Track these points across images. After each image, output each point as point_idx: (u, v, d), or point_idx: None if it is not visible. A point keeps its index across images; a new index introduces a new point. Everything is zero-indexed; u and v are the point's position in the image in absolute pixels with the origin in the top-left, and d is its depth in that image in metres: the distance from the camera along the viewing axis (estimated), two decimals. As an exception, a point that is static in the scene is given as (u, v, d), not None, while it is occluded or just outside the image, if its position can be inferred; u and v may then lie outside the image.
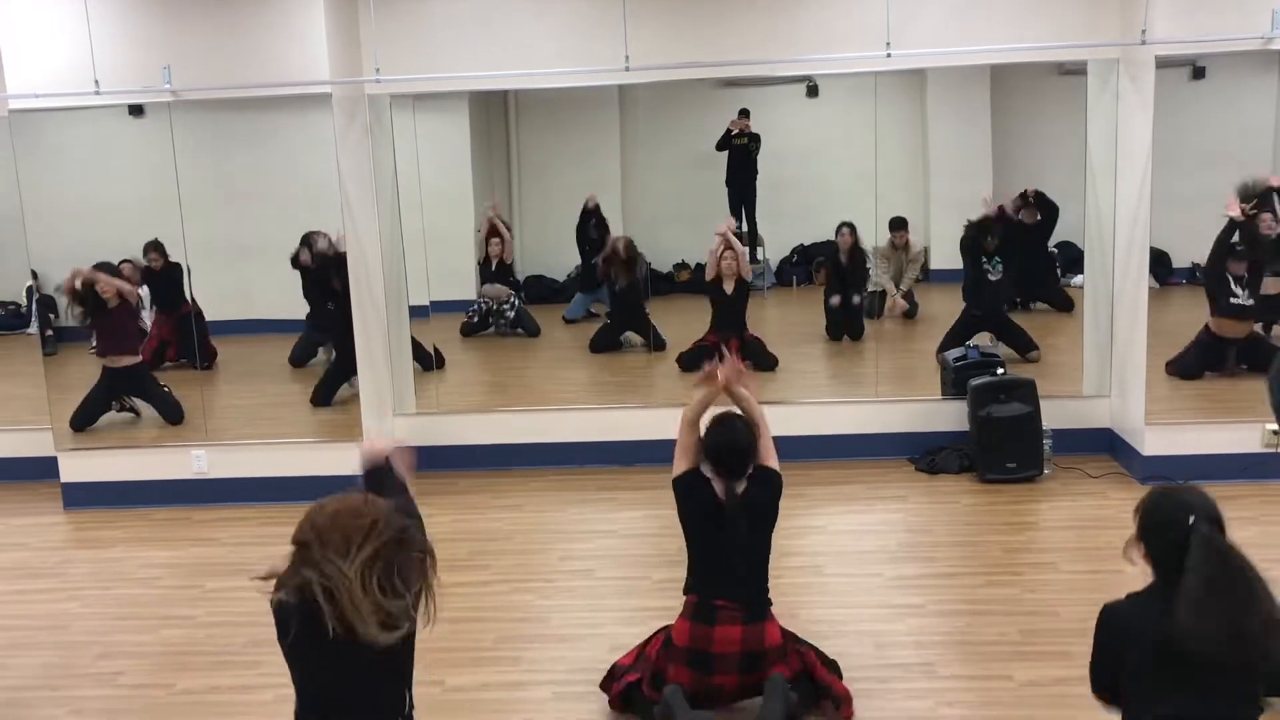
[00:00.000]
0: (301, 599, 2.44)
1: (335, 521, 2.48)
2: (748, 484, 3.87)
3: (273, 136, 7.09)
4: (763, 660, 3.81)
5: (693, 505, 3.90)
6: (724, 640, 3.78)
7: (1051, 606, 4.75)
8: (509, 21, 6.55)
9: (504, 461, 6.88)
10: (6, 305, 8.63)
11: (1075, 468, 6.39)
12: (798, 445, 6.53)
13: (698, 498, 3.87)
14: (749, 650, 3.79)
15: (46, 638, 4.92)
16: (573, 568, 5.40)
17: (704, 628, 3.80)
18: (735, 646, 3.78)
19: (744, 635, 3.78)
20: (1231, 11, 5.88)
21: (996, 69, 7.52)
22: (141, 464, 6.67)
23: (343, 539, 2.44)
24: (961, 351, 6.90)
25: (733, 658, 3.79)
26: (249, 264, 7.45)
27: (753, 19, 6.47)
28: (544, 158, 8.91)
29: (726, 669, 3.80)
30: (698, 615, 3.84)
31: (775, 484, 3.92)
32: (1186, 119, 6.83)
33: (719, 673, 3.80)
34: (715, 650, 3.78)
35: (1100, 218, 6.65)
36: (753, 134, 8.43)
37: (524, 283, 9.24)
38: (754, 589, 3.88)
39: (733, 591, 3.82)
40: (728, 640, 3.78)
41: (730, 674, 3.81)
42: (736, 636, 3.78)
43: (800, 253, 9.41)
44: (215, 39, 6.27)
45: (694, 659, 3.81)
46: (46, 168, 6.85)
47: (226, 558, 5.77)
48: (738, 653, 3.79)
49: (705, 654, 3.80)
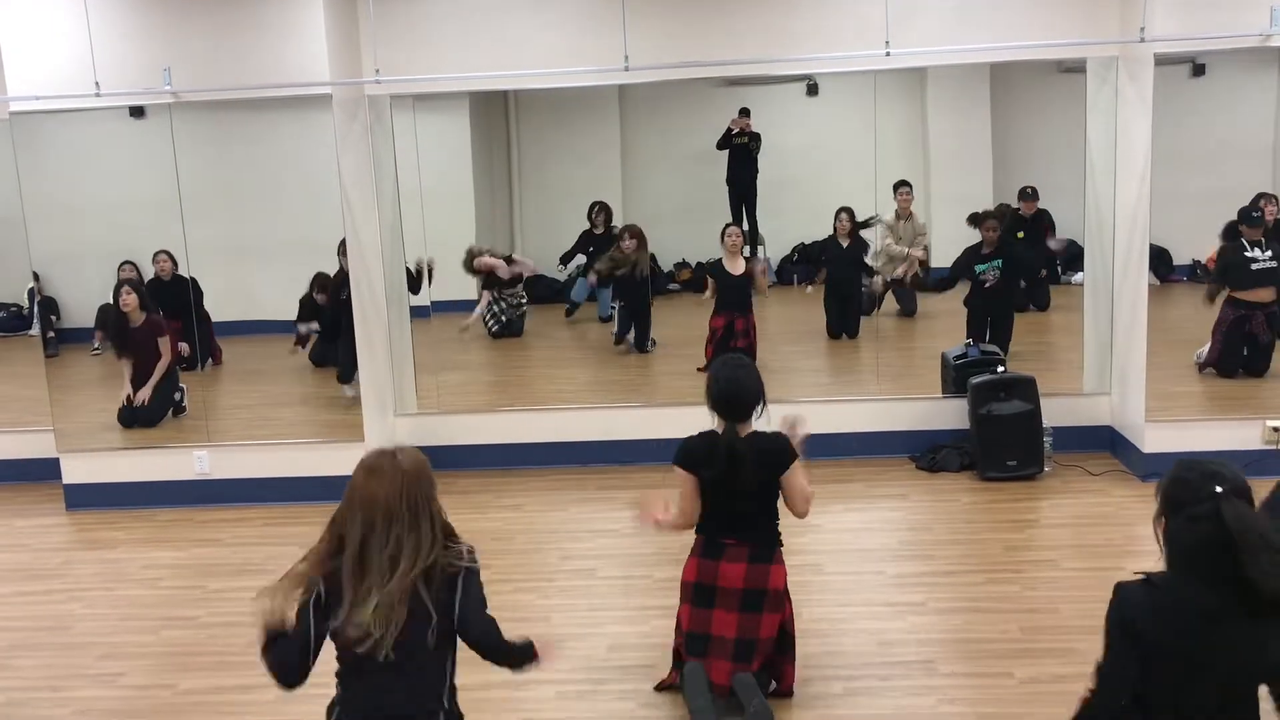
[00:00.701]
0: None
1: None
2: (762, 441, 3.86)
3: (273, 137, 7.09)
4: (762, 600, 3.87)
5: (704, 473, 3.85)
6: (729, 575, 3.86)
7: (1052, 604, 4.76)
8: (509, 21, 6.56)
9: (505, 461, 6.89)
10: (8, 307, 8.64)
11: (1076, 465, 6.40)
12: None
13: (708, 467, 3.83)
14: (750, 588, 3.86)
15: (49, 639, 4.94)
16: (574, 567, 5.41)
17: (711, 563, 3.89)
18: (739, 583, 3.86)
19: (748, 573, 3.85)
20: (1230, 9, 5.88)
21: (996, 67, 7.53)
22: (143, 465, 6.68)
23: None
24: (962, 349, 6.90)
25: (735, 594, 3.86)
26: (250, 264, 7.45)
27: (752, 18, 6.48)
28: (544, 157, 8.92)
29: (728, 604, 3.87)
30: (706, 552, 3.92)
31: (783, 448, 3.88)
32: (1186, 116, 6.83)
33: (720, 607, 3.87)
34: (720, 584, 3.87)
35: (1100, 215, 6.65)
36: (753, 133, 8.44)
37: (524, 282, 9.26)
38: (762, 530, 3.92)
39: (741, 532, 3.89)
40: (732, 576, 3.85)
41: (731, 610, 3.87)
42: (741, 574, 3.85)
43: (801, 251, 9.42)
44: (215, 40, 6.28)
45: (698, 593, 3.90)
46: (47, 169, 6.86)
47: (229, 558, 5.78)
48: (740, 589, 3.86)
49: (710, 587, 3.88)
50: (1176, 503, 2.50)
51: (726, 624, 3.89)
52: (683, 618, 4.01)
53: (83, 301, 7.83)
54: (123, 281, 7.14)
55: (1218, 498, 2.43)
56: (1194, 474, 2.50)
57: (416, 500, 2.71)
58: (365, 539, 2.67)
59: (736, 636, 3.89)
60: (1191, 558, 2.46)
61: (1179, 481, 2.52)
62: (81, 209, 7.07)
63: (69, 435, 6.77)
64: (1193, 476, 2.50)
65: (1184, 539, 2.47)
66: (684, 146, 8.83)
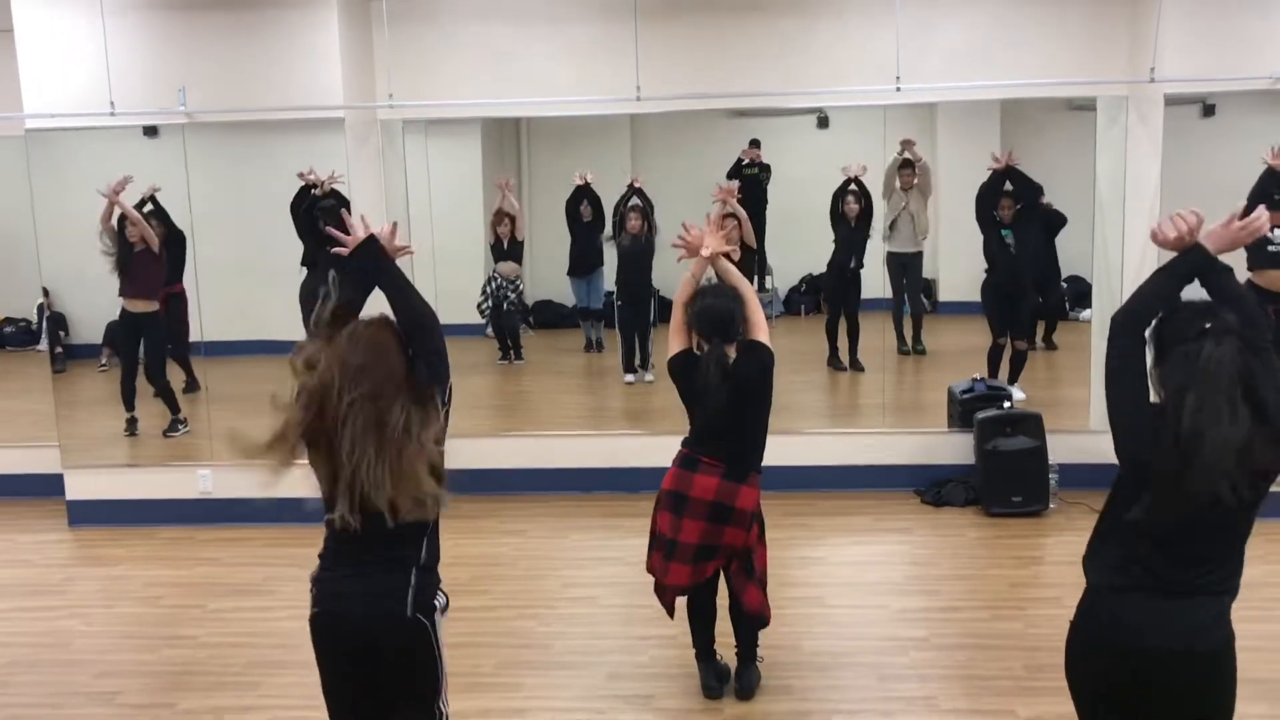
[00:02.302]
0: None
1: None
2: (736, 355, 4.01)
3: (285, 159, 7.13)
4: (729, 516, 4.03)
5: (685, 383, 4.07)
6: (700, 487, 4.03)
7: (1055, 642, 4.66)
8: (521, 49, 6.61)
9: (508, 487, 6.88)
10: (17, 322, 8.69)
11: (1081, 503, 6.37)
12: (803, 475, 6.54)
13: (689, 374, 4.04)
14: (719, 501, 4.03)
15: (48, 656, 4.92)
16: (575, 595, 5.39)
17: (686, 474, 4.07)
18: (709, 495, 4.03)
19: (719, 487, 4.02)
20: (1239, 51, 5.92)
21: (1006, 103, 7.54)
22: (147, 482, 6.69)
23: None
24: (968, 384, 6.89)
25: (703, 504, 4.03)
26: (259, 284, 7.47)
27: (763, 51, 6.52)
28: (555, 184, 8.93)
29: (696, 514, 4.04)
30: (684, 464, 4.11)
31: (763, 357, 4.02)
32: (1197, 155, 6.84)
33: (688, 516, 4.05)
34: (691, 494, 4.04)
35: (1108, 252, 6.66)
36: (763, 164, 8.46)
37: (533, 307, 9.27)
38: (737, 452, 4.06)
39: (716, 451, 4.05)
40: (704, 488, 4.03)
41: (698, 520, 4.04)
42: (713, 486, 4.02)
43: (809, 282, 9.43)
44: (230, 62, 6.34)
45: (673, 501, 4.10)
46: (61, 186, 6.90)
47: (229, 578, 5.76)
48: (709, 501, 4.03)
49: (683, 496, 4.06)
50: (1166, 343, 2.52)
51: (691, 531, 4.06)
52: (658, 521, 4.19)
53: (91, 318, 7.88)
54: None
55: (1205, 335, 2.42)
56: (1183, 313, 2.52)
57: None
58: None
59: (699, 543, 4.07)
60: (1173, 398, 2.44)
61: (1167, 322, 2.54)
62: (94, 226, 7.09)
63: (74, 451, 6.78)
64: (1181, 316, 2.51)
65: (1173, 378, 2.45)
66: (694, 176, 8.84)
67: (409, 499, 2.61)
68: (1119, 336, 2.59)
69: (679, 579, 4.14)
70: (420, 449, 2.62)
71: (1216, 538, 2.52)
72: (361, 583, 2.73)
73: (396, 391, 2.63)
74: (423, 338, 2.79)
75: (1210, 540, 2.52)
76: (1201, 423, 2.36)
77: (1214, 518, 2.46)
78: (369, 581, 2.73)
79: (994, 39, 6.42)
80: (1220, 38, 5.99)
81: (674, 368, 4.10)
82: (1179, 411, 2.39)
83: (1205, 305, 2.53)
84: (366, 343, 2.66)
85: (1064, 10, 6.37)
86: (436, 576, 2.84)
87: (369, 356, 2.63)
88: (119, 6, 6.31)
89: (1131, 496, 2.52)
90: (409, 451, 2.60)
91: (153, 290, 7.15)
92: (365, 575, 2.73)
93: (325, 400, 2.60)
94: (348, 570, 2.75)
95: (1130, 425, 2.54)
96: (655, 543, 4.21)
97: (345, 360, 2.61)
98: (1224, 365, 2.38)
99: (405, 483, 2.59)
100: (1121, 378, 2.56)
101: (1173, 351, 2.48)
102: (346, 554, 2.74)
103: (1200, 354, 2.39)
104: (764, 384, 4.05)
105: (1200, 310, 2.50)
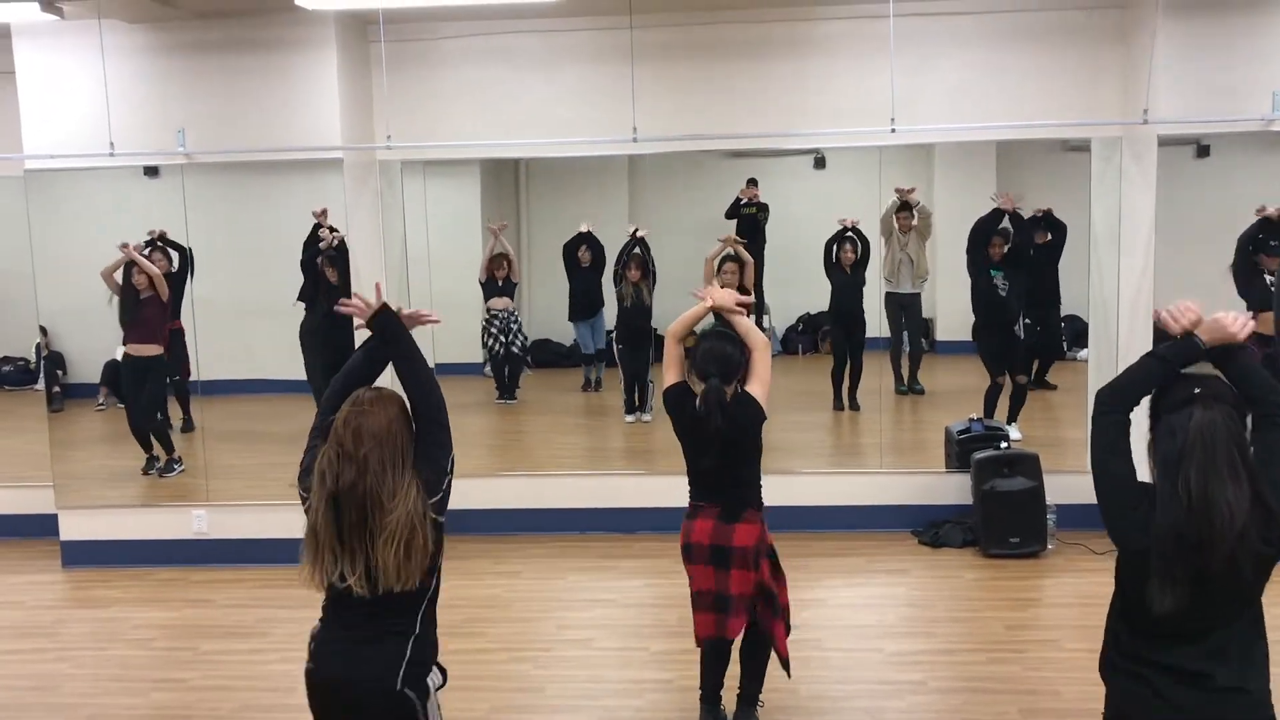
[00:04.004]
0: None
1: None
2: (731, 405, 4.00)
3: (284, 199, 7.17)
4: (728, 557, 4.05)
5: (679, 416, 4.11)
6: (699, 532, 4.11)
7: (1053, 685, 4.68)
8: (519, 91, 6.65)
9: (504, 527, 6.85)
10: (15, 361, 8.68)
11: (1079, 544, 6.34)
12: (799, 516, 6.51)
13: (682, 410, 4.07)
14: (716, 544, 4.07)
15: (36, 699, 4.88)
16: (571, 637, 5.35)
17: (689, 522, 4.16)
18: (706, 539, 4.09)
19: (714, 530, 4.08)
20: (1233, 94, 5.96)
21: (1002, 144, 7.60)
22: (141, 523, 6.66)
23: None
24: (965, 424, 6.87)
25: (704, 549, 4.09)
26: (255, 324, 7.48)
27: (760, 92, 6.56)
28: (553, 224, 8.98)
29: (701, 559, 4.11)
30: (689, 515, 4.18)
31: (753, 413, 4.00)
32: (1190, 196, 6.86)
33: (696, 561, 4.12)
34: (693, 540, 4.12)
35: (1104, 292, 6.67)
36: (761, 203, 8.50)
37: (530, 346, 9.27)
38: (730, 495, 4.10)
39: (711, 496, 4.13)
40: (702, 532, 4.11)
41: (706, 565, 4.09)
42: (709, 530, 4.09)
43: (806, 321, 9.45)
44: (229, 103, 6.38)
45: (686, 553, 4.17)
46: (60, 226, 6.94)
47: (221, 620, 5.72)
48: (707, 545, 4.08)
49: (689, 544, 4.14)
50: (1157, 411, 2.50)
51: (704, 578, 4.10)
52: (689, 572, 4.22)
53: (89, 358, 7.89)
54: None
55: (1194, 401, 2.41)
56: (1178, 382, 2.49)
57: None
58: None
59: (714, 589, 4.09)
60: (1168, 469, 2.42)
61: (1164, 390, 2.52)
62: (93, 265, 7.12)
63: (68, 491, 6.76)
64: (1176, 384, 2.49)
65: (1162, 448, 2.44)
66: (692, 215, 8.88)
67: (419, 574, 2.72)
68: (1103, 415, 2.58)
69: (706, 630, 4.11)
70: (424, 524, 2.71)
71: (1233, 622, 2.47)
72: (355, 649, 2.76)
73: (404, 466, 2.71)
74: (428, 409, 2.86)
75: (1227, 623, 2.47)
76: (1209, 488, 2.34)
77: (1225, 597, 2.43)
78: (363, 649, 2.76)
79: (989, 81, 6.46)
80: (1213, 79, 6.03)
81: (669, 398, 4.12)
82: (1184, 482, 2.36)
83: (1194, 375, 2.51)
84: (376, 420, 2.71)
85: (1058, 52, 6.42)
86: (433, 647, 2.87)
87: (379, 434, 2.69)
88: (119, 48, 6.37)
89: (1138, 583, 2.47)
90: (418, 541, 2.69)
91: (157, 333, 7.16)
92: (360, 641, 2.76)
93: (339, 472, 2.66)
94: (342, 633, 2.78)
95: (1120, 506, 2.51)
96: (692, 600, 4.21)
97: (357, 437, 2.67)
98: (1217, 428, 2.37)
99: (415, 562, 2.69)
100: (1106, 457, 2.54)
101: (1163, 421, 2.47)
102: (344, 618, 2.77)
103: (1191, 423, 2.39)
104: (753, 436, 4.06)
105: (1189, 379, 2.49)
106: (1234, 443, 2.38)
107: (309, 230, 6.95)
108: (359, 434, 2.66)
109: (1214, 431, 2.37)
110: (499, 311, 8.77)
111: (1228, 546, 2.33)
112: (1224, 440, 2.36)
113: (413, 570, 2.69)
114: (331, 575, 2.69)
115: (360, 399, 2.73)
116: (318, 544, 2.68)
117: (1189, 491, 2.35)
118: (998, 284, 7.41)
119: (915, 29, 6.40)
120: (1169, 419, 2.44)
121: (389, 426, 2.70)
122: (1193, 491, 2.35)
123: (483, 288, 8.80)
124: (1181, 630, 2.46)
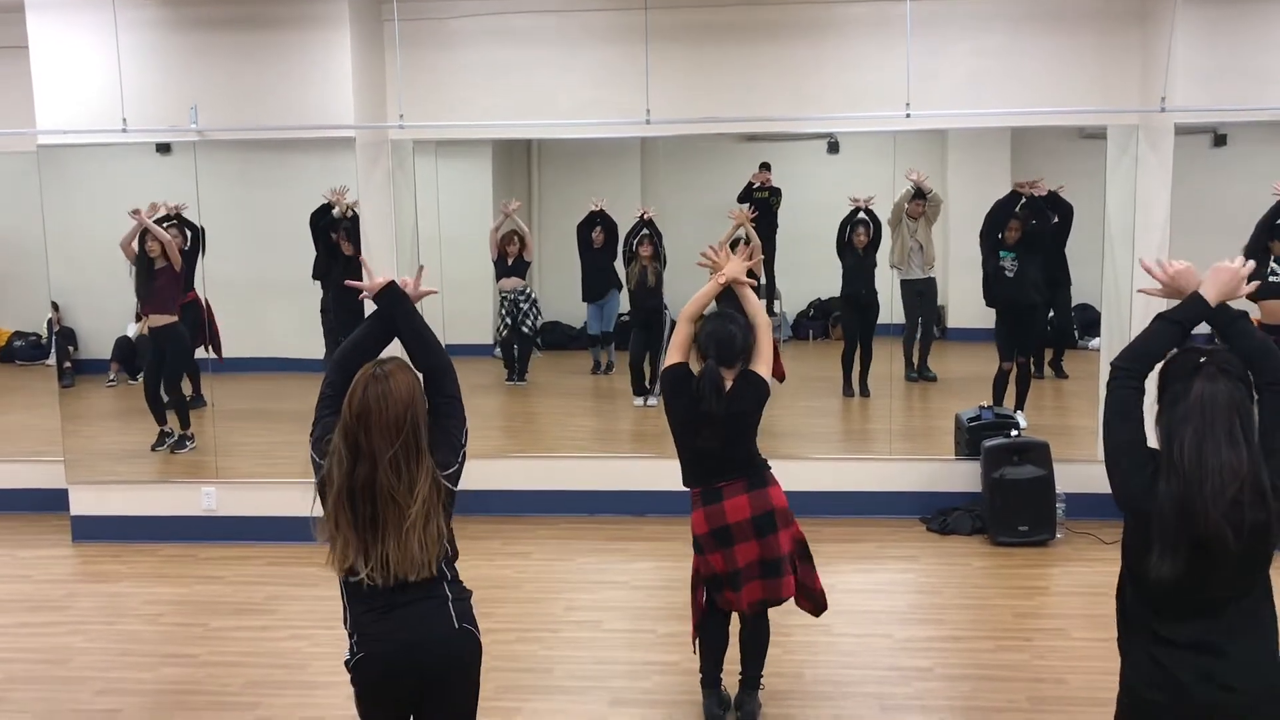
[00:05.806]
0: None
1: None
2: (733, 384, 3.99)
3: (296, 178, 7.16)
4: (773, 519, 3.99)
5: (673, 398, 4.03)
6: (735, 509, 3.98)
7: (1060, 674, 4.68)
8: (532, 72, 6.63)
9: (514, 508, 6.86)
10: (27, 336, 8.71)
11: (1088, 533, 6.33)
12: (809, 501, 6.48)
13: (682, 391, 4.00)
14: (757, 513, 3.98)
15: (47, 672, 4.90)
16: (579, 618, 5.36)
17: (715, 507, 4.00)
18: (745, 513, 3.97)
19: (750, 501, 3.98)
20: (1251, 82, 5.92)
21: (1017, 131, 7.56)
22: (152, 499, 6.68)
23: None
24: (976, 411, 6.85)
25: (746, 524, 3.98)
26: (267, 302, 7.49)
27: (774, 76, 6.53)
28: (565, 206, 8.95)
29: (744, 535, 3.98)
30: (706, 499, 4.03)
31: (758, 390, 4.00)
32: (1207, 185, 6.82)
33: (739, 541, 3.98)
34: (730, 521, 3.98)
35: (1118, 281, 6.64)
36: (774, 188, 8.46)
37: (540, 329, 9.26)
38: (747, 464, 4.04)
39: (729, 472, 4.02)
40: (738, 509, 3.98)
41: (749, 539, 3.98)
42: (745, 503, 3.98)
43: (817, 307, 9.42)
44: (242, 81, 6.37)
45: (718, 537, 4.00)
46: (73, 202, 6.94)
47: (231, 596, 5.75)
48: (749, 518, 3.97)
49: (725, 528, 3.99)
50: (1165, 383, 2.51)
51: (749, 551, 4.00)
52: (702, 566, 4.11)
53: (101, 333, 7.90)
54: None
55: (1199, 371, 2.42)
56: (1181, 354, 2.51)
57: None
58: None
59: (761, 557, 4.00)
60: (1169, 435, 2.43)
61: (1171, 360, 2.53)
62: (105, 242, 7.13)
63: (79, 466, 6.78)
64: (1180, 356, 2.51)
65: (1165, 415, 2.46)
66: (704, 199, 8.85)
67: (434, 564, 2.75)
68: (1116, 381, 2.59)
69: (755, 594, 4.05)
70: (439, 511, 2.74)
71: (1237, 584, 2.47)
72: (397, 616, 2.77)
73: (419, 455, 2.70)
74: (440, 383, 2.86)
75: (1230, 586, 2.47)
76: (1203, 453, 2.36)
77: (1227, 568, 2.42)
78: (404, 612, 2.77)
79: (1004, 67, 6.43)
80: (1231, 68, 5.99)
81: (667, 378, 4.06)
82: (1179, 447, 2.38)
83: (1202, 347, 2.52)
84: (394, 393, 2.68)
85: (1075, 39, 6.38)
86: (466, 588, 2.92)
87: (393, 426, 2.66)
88: (132, 24, 6.36)
89: (1141, 551, 2.48)
90: (433, 531, 2.71)
91: (172, 303, 7.17)
92: (399, 606, 2.77)
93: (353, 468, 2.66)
94: (379, 611, 2.78)
95: (1127, 470, 2.52)
96: (718, 582, 4.08)
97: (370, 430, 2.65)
98: (1218, 399, 2.38)
99: (430, 553, 2.72)
100: (1116, 422, 2.55)
101: (1168, 390, 2.48)
102: (377, 603, 2.77)
103: (1192, 391, 2.40)
104: (755, 414, 4.04)
105: (1196, 350, 2.50)
106: (1236, 410, 2.39)
107: (319, 206, 6.93)
108: (371, 427, 2.63)
109: (1215, 399, 2.39)
110: (508, 292, 8.76)
111: (1219, 510, 2.35)
112: (1224, 407, 2.38)
113: (429, 560, 2.71)
114: (354, 562, 2.70)
115: (371, 387, 2.66)
116: (336, 534, 2.69)
117: (1183, 455, 2.38)
118: (1005, 266, 7.37)
119: (932, 13, 6.37)
120: (1174, 387, 2.46)
121: (404, 414, 2.65)
122: (1186, 455, 2.37)
123: (495, 265, 8.78)
124: (1189, 603, 2.47)
